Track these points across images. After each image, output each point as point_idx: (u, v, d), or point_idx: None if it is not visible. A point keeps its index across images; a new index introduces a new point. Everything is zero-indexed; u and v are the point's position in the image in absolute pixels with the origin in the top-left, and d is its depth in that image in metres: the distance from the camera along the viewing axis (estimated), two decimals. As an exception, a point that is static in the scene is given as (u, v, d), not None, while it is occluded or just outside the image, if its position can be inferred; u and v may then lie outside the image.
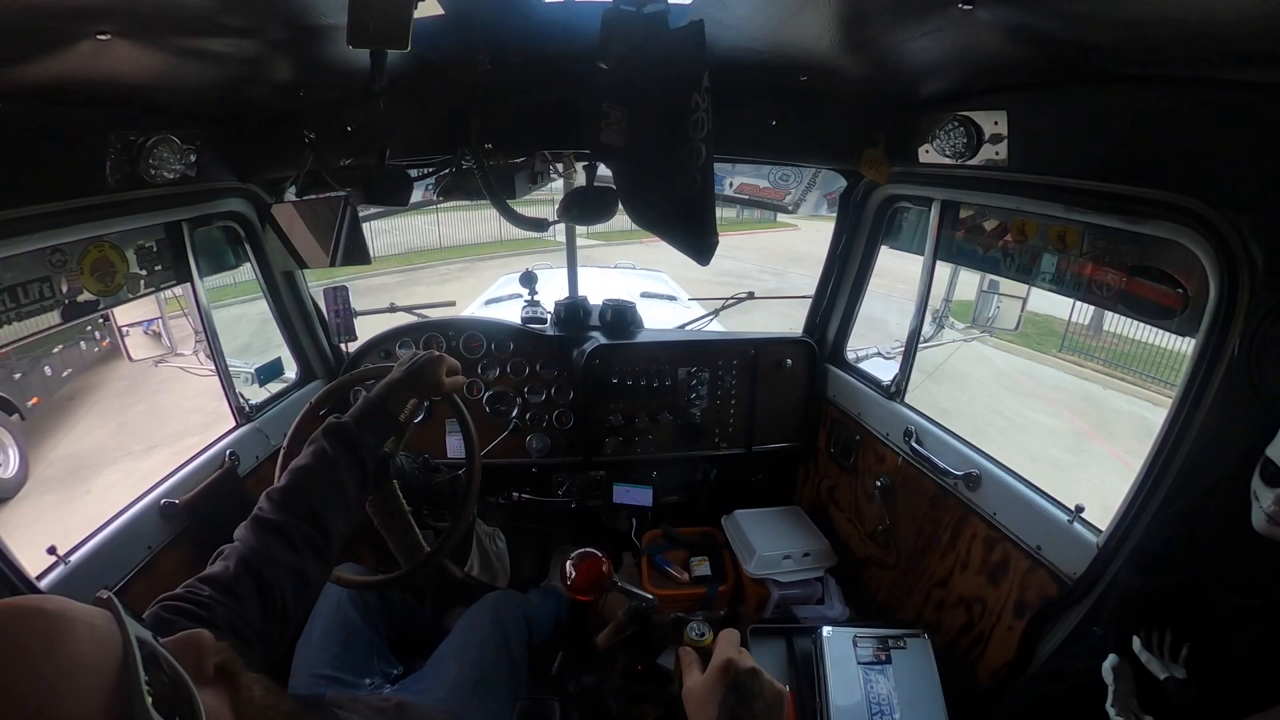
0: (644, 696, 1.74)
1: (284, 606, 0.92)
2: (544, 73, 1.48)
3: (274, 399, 2.11)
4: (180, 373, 2.26)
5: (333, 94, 1.59)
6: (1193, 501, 1.13)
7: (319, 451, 1.08)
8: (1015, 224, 1.60)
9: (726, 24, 1.25)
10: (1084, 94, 1.24)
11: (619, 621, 1.68)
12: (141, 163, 1.37)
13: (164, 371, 2.68)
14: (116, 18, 0.95)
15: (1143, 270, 1.32)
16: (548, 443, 2.40)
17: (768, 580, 2.16)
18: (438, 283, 11.16)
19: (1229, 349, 1.11)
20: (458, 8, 1.09)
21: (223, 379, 1.92)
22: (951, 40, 1.20)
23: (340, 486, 1.07)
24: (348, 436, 1.11)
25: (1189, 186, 1.13)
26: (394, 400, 1.21)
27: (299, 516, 0.99)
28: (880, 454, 2.13)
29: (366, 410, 1.17)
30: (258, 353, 2.29)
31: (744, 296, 2.77)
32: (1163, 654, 1.08)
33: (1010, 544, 1.60)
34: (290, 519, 0.98)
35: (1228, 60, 0.97)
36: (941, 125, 1.53)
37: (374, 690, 1.44)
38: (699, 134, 1.13)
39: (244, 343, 6.43)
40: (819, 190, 2.39)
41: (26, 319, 1.31)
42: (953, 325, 3.38)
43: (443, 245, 14.31)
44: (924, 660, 1.71)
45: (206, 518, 1.64)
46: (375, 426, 1.16)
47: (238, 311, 7.08)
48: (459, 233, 14.53)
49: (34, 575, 1.26)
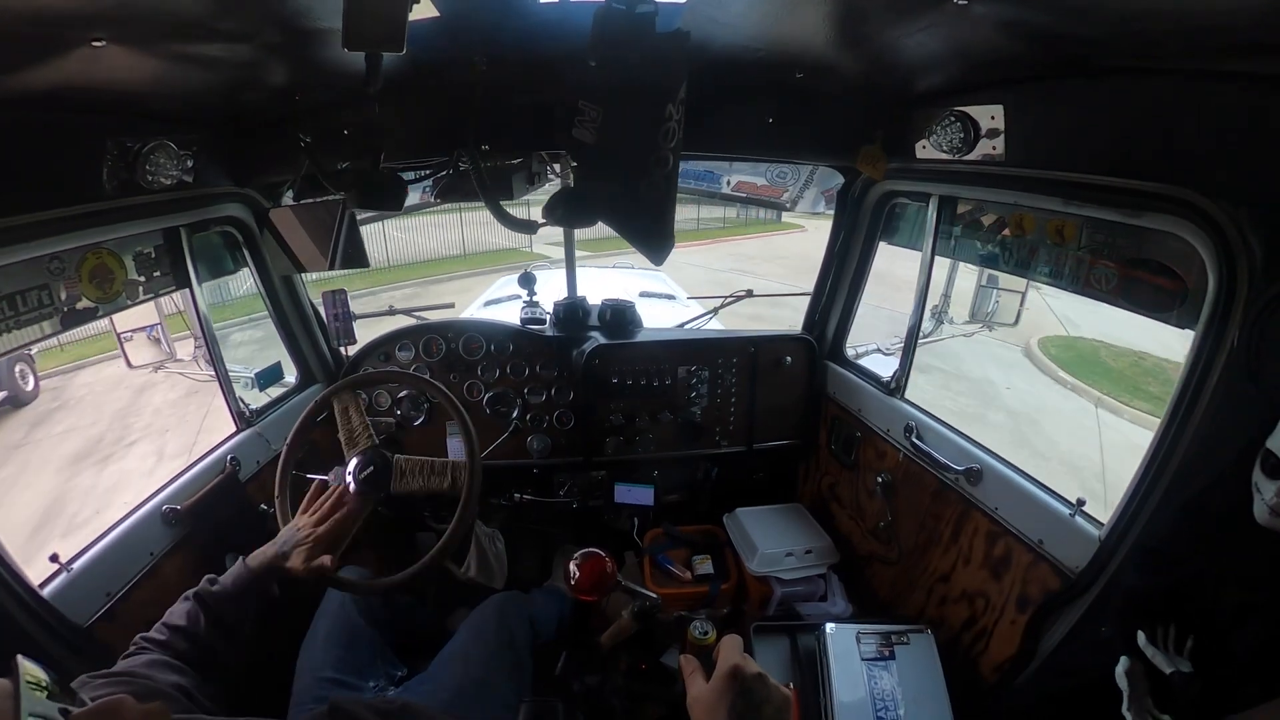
0: (648, 696, 1.75)
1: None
2: (540, 73, 1.48)
3: (274, 403, 2.11)
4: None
5: (328, 97, 1.59)
6: (1194, 495, 1.13)
7: (192, 615, 1.13)
8: (1013, 218, 1.60)
9: (722, 22, 1.25)
10: (1081, 88, 1.24)
11: (623, 621, 1.68)
12: (138, 169, 1.37)
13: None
14: (111, 24, 0.94)
15: (1141, 263, 1.32)
16: (548, 443, 2.40)
17: (770, 578, 2.17)
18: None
19: (1228, 341, 1.12)
20: (453, 9, 1.09)
21: (223, 384, 1.92)
22: (947, 35, 1.20)
23: (212, 652, 1.12)
24: (219, 611, 1.15)
25: (1186, 179, 1.13)
26: (268, 576, 1.26)
27: (180, 659, 1.06)
28: (881, 450, 2.14)
29: (242, 583, 1.22)
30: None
31: (743, 294, 2.76)
32: (1168, 648, 1.08)
33: (1012, 538, 1.61)
34: (170, 658, 1.05)
35: (1224, 52, 0.97)
36: (938, 121, 1.53)
37: (378, 692, 1.45)
38: (668, 142, 1.17)
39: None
40: (816, 187, 2.39)
41: (26, 327, 1.31)
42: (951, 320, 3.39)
43: (391, 264, 12.28)
44: (927, 656, 1.71)
45: (208, 523, 1.65)
46: (248, 599, 1.21)
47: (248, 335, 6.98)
48: (418, 246, 12.98)
49: (37, 583, 1.26)
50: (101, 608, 1.36)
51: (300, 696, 1.40)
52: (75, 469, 5.90)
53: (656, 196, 1.22)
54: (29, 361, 7.36)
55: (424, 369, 2.31)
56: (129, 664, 1.01)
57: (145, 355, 5.33)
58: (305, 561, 1.29)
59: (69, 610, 1.27)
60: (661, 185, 1.21)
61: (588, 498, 2.49)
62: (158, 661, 1.02)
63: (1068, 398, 7.20)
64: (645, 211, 1.26)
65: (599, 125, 1.25)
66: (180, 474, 1.71)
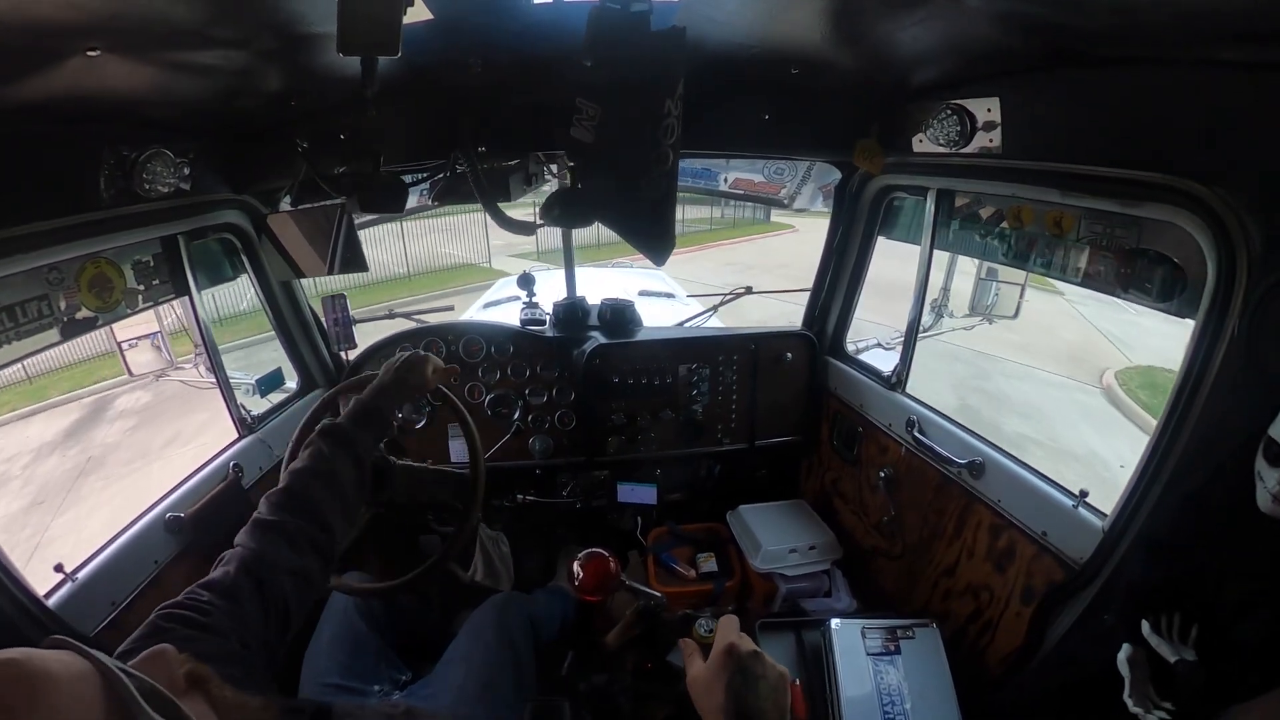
0: (654, 695, 1.75)
1: (285, 606, 0.92)
2: (535, 73, 1.48)
3: (275, 409, 2.11)
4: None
5: (325, 102, 1.59)
6: (1197, 484, 1.13)
7: (316, 453, 1.11)
8: (1011, 211, 1.60)
9: (717, 20, 1.25)
10: (1076, 78, 1.24)
11: (628, 620, 1.68)
12: (135, 178, 1.37)
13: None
14: (106, 34, 0.94)
15: (1140, 253, 1.32)
16: (550, 444, 2.40)
17: (774, 574, 2.17)
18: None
19: (1228, 330, 1.11)
20: (447, 12, 1.09)
21: (224, 391, 1.92)
22: (941, 29, 1.20)
23: (338, 485, 1.09)
24: (343, 437, 1.14)
25: (1183, 168, 1.13)
26: (385, 401, 1.26)
27: (299, 516, 1.00)
28: (883, 445, 2.14)
29: (359, 412, 1.21)
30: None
31: (742, 291, 2.76)
32: (1172, 637, 1.09)
33: (1016, 530, 1.61)
34: (290, 518, 0.99)
35: (1219, 40, 0.97)
36: (934, 114, 1.53)
37: (383, 697, 1.44)
38: (668, 139, 1.17)
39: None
40: (814, 183, 2.39)
41: (26, 338, 1.31)
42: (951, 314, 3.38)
43: (317, 292, 8.59)
44: (933, 650, 1.71)
45: (212, 530, 1.64)
46: (369, 427, 1.21)
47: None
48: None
49: (42, 594, 1.26)
50: (107, 617, 1.36)
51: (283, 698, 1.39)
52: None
53: (656, 195, 1.22)
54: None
55: None
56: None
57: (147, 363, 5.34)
58: (432, 367, 1.31)
59: (75, 620, 1.27)
60: (661, 183, 1.21)
61: (591, 498, 2.49)
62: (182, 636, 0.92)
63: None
64: (645, 210, 1.26)
65: (597, 124, 1.25)
66: (183, 481, 1.71)
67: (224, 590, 0.87)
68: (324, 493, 1.06)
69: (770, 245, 14.56)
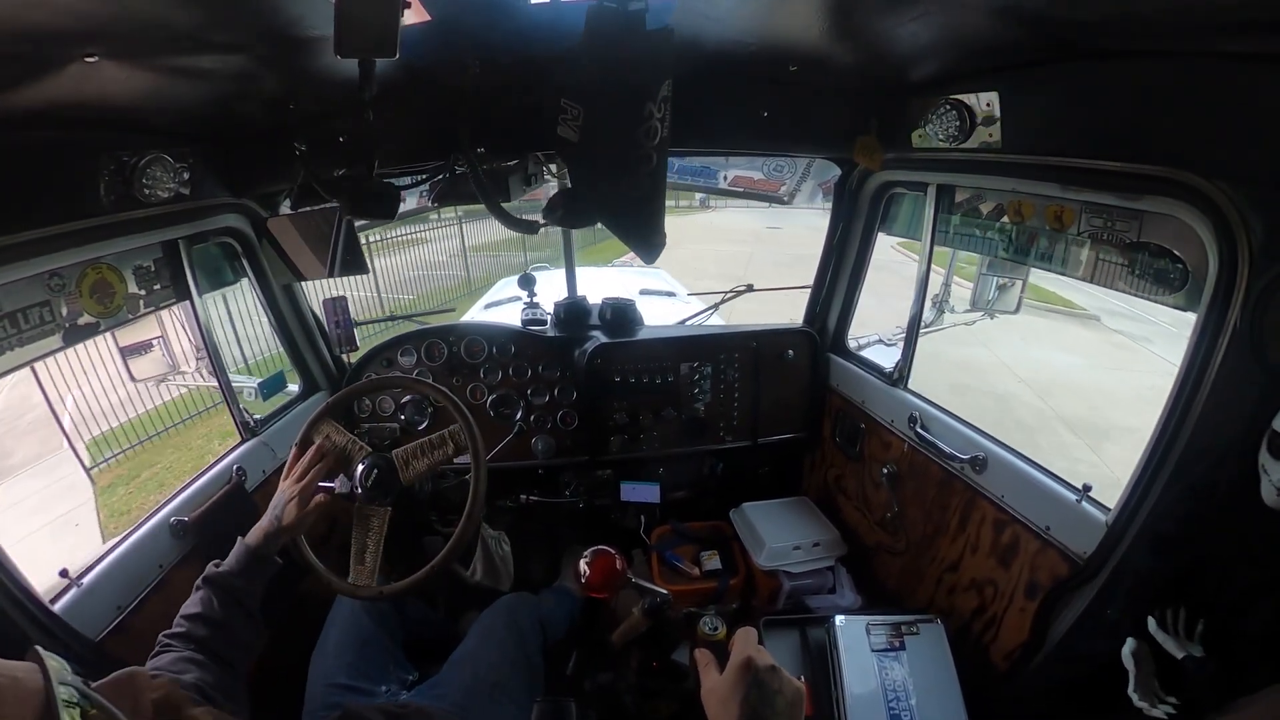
0: (660, 693, 1.75)
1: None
2: (533, 74, 1.48)
3: (278, 413, 2.11)
4: None
5: (323, 105, 1.59)
6: (1201, 477, 1.12)
7: (205, 600, 1.16)
8: (1012, 205, 1.60)
9: (713, 17, 1.25)
10: (1075, 72, 1.23)
11: (633, 618, 1.68)
12: (135, 183, 1.37)
13: None
14: (104, 40, 0.95)
15: (1141, 246, 1.31)
16: (553, 444, 2.40)
17: (778, 571, 2.17)
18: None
19: (1230, 322, 1.11)
20: (444, 13, 1.08)
21: (226, 395, 1.93)
22: (940, 23, 1.19)
23: (231, 631, 1.15)
24: (233, 593, 1.18)
25: (1184, 161, 1.13)
26: (270, 547, 1.28)
27: (201, 651, 1.09)
28: (886, 441, 2.13)
29: (248, 560, 1.24)
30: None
31: (743, 289, 2.76)
32: (1178, 633, 1.08)
33: (1019, 525, 1.60)
34: (193, 652, 1.08)
35: (1218, 32, 0.96)
36: (934, 109, 1.53)
37: (390, 697, 1.45)
38: (651, 141, 1.17)
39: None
40: (814, 180, 2.38)
41: (28, 344, 1.31)
42: (952, 310, 3.38)
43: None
44: (938, 645, 1.71)
45: (216, 534, 1.65)
46: (259, 575, 1.24)
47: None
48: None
49: (47, 599, 1.26)
50: (112, 621, 1.37)
51: (312, 705, 1.40)
52: None
53: (641, 195, 1.23)
54: None
55: (426, 373, 2.31)
56: (154, 663, 1.04)
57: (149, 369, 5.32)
58: (299, 511, 1.32)
59: (80, 624, 1.28)
60: (646, 183, 1.22)
61: (594, 497, 2.50)
62: (180, 659, 1.05)
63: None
64: (632, 209, 1.27)
65: (581, 124, 1.26)
66: (187, 485, 1.72)
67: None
68: (218, 637, 1.13)
69: (698, 220, 17.38)
